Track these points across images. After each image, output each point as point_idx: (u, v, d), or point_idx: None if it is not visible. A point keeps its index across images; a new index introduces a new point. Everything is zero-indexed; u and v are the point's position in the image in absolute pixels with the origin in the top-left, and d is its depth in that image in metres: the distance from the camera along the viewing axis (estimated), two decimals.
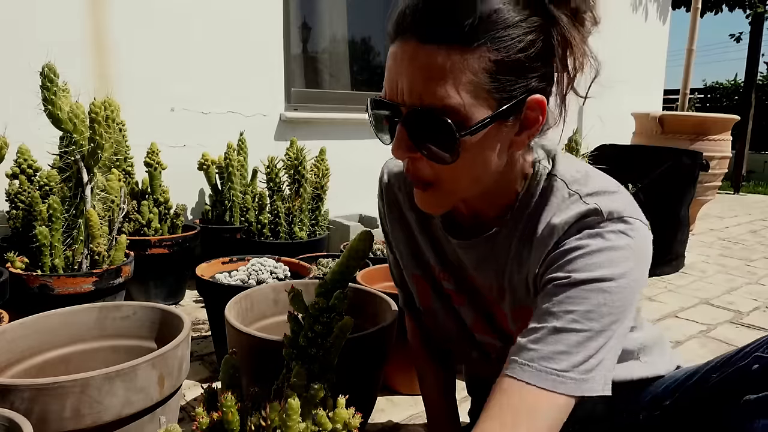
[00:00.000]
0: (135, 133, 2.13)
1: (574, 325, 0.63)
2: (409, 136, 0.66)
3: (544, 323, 0.64)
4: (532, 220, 0.74)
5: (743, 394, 0.68)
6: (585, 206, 0.69)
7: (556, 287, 0.66)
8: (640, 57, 4.83)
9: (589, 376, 0.62)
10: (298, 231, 2.25)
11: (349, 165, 2.87)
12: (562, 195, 0.72)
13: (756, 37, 7.17)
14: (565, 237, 0.69)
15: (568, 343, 0.62)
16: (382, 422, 1.35)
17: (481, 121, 0.63)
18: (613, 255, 0.65)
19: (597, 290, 0.64)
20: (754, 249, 3.48)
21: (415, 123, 0.64)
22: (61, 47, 1.78)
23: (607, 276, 0.64)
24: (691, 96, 8.21)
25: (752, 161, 8.19)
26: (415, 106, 0.63)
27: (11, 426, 0.77)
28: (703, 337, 1.97)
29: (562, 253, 0.68)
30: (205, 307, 1.84)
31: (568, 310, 0.63)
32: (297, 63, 3.04)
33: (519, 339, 0.66)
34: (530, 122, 0.67)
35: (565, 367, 0.62)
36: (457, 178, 0.68)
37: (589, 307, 0.63)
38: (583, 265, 0.65)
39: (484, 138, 0.65)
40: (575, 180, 0.73)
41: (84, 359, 1.19)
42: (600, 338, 0.63)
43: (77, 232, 1.59)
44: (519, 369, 0.63)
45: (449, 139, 0.63)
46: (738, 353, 0.74)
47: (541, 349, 0.63)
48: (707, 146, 3.39)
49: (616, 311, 0.64)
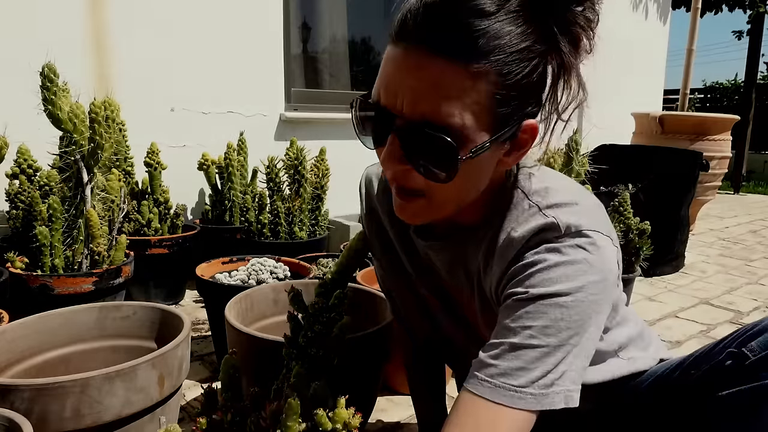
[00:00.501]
0: (135, 133, 2.13)
1: (532, 341, 0.63)
2: (403, 148, 0.63)
3: (503, 338, 0.64)
4: (496, 231, 0.73)
5: (718, 390, 0.68)
6: (543, 219, 0.68)
7: (515, 302, 0.66)
8: (640, 57, 4.83)
9: (549, 391, 0.62)
10: (298, 231, 2.25)
11: (349, 165, 2.86)
12: (523, 207, 0.72)
13: (756, 37, 7.17)
14: (524, 250, 0.69)
15: (525, 359, 0.62)
16: (382, 422, 1.35)
17: (482, 145, 0.62)
18: (569, 270, 0.65)
19: (553, 305, 0.63)
20: (754, 249, 3.48)
21: (413, 137, 0.62)
22: (61, 47, 1.78)
23: (563, 291, 0.64)
24: (691, 96, 8.21)
25: (752, 161, 8.19)
26: (416, 120, 0.60)
27: (11, 426, 0.77)
28: (703, 337, 1.97)
29: (521, 268, 0.68)
30: (205, 307, 1.84)
31: (526, 326, 0.63)
32: (297, 63, 3.04)
33: (480, 353, 0.66)
34: (521, 145, 0.67)
35: (523, 383, 0.62)
36: (447, 193, 0.67)
37: (546, 322, 0.63)
38: (540, 280, 0.65)
39: (480, 160, 0.64)
40: (536, 191, 0.72)
41: (84, 359, 1.19)
42: (558, 353, 0.63)
43: (77, 232, 1.59)
44: (479, 384, 0.63)
45: (449, 159, 0.61)
46: (715, 347, 0.74)
47: (499, 365, 0.63)
48: (707, 146, 3.39)
49: (574, 325, 0.63)
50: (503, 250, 0.71)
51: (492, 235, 0.74)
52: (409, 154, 0.63)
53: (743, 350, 0.67)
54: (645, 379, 0.87)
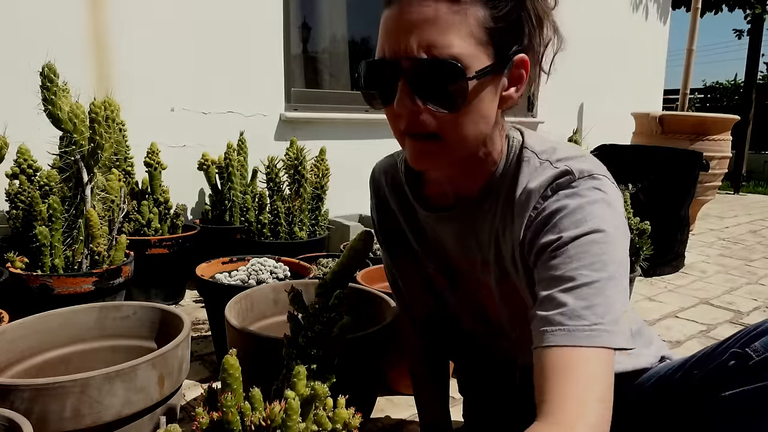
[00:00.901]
0: (135, 133, 2.13)
1: (584, 279, 0.64)
2: (413, 89, 0.67)
3: (555, 287, 0.65)
4: (511, 189, 0.77)
5: (721, 390, 0.68)
6: (556, 170, 0.73)
7: (552, 252, 0.67)
8: (640, 57, 4.83)
9: (617, 329, 0.62)
10: (298, 231, 2.25)
11: (349, 165, 2.87)
12: (534, 164, 0.76)
13: (756, 37, 7.17)
14: (543, 200, 0.72)
15: (585, 297, 0.63)
16: (382, 422, 1.35)
17: (484, 68, 0.67)
18: (593, 209, 0.68)
19: (590, 243, 0.66)
20: (754, 249, 3.48)
21: (423, 74, 0.66)
22: (61, 47, 1.78)
23: (594, 228, 0.66)
24: (691, 96, 8.20)
25: (752, 161, 8.18)
26: (421, 57, 0.65)
27: (11, 426, 0.77)
28: (703, 337, 1.97)
29: (545, 218, 0.70)
30: (205, 307, 1.84)
31: (573, 268, 0.65)
32: (297, 63, 3.04)
33: (537, 312, 0.66)
34: (516, 79, 0.72)
35: (593, 321, 0.62)
36: (460, 128, 0.70)
37: (591, 259, 0.65)
38: (569, 223, 0.68)
39: (483, 88, 0.69)
40: (543, 151, 0.77)
41: (84, 359, 1.19)
42: (611, 284, 0.64)
43: (77, 232, 1.59)
44: (552, 336, 0.62)
45: (457, 84, 0.66)
46: (718, 348, 0.74)
47: (564, 311, 0.63)
48: (707, 146, 3.39)
49: (615, 258, 0.66)
50: (522, 203, 0.74)
51: (507, 193, 0.77)
52: (420, 91, 0.67)
53: (747, 350, 0.67)
54: (647, 379, 0.87)
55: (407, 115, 0.70)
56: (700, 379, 0.74)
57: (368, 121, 3.14)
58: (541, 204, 0.72)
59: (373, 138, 3.18)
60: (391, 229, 0.99)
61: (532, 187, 0.74)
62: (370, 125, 3.16)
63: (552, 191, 0.71)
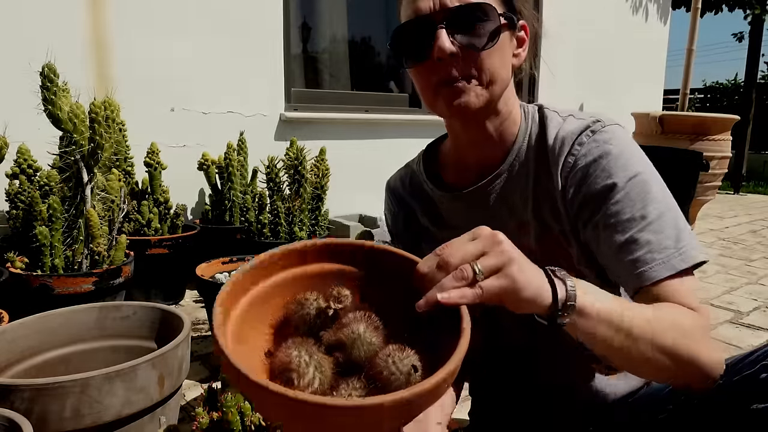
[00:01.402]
0: (135, 133, 2.13)
1: (654, 215, 0.71)
2: (453, 33, 0.74)
3: (632, 230, 0.71)
4: (541, 142, 0.83)
5: (750, 403, 0.68)
6: (583, 120, 0.79)
7: (612, 197, 0.73)
8: (640, 57, 4.83)
9: (695, 244, 0.71)
10: (298, 231, 2.25)
11: (349, 165, 2.87)
12: (558, 120, 0.82)
13: (756, 37, 7.17)
14: (580, 146, 0.78)
15: (661, 230, 0.70)
16: None
17: (505, 11, 0.76)
18: (633, 150, 0.76)
19: (645, 182, 0.73)
20: (754, 249, 3.48)
21: (461, 17, 0.74)
22: (61, 47, 1.78)
23: (641, 170, 0.74)
24: (691, 96, 8.21)
25: (752, 161, 8.18)
26: (458, 5, 0.73)
27: (11, 426, 0.77)
28: None
29: (589, 165, 0.76)
30: (205, 307, 1.84)
31: (640, 208, 0.72)
32: (297, 63, 3.04)
33: (626, 258, 0.71)
34: (520, 41, 0.81)
35: (678, 246, 0.70)
36: (493, 66, 0.76)
37: (650, 196, 0.73)
38: (616, 166, 0.74)
39: (504, 34, 0.76)
40: (563, 110, 0.85)
41: (84, 359, 1.19)
42: (673, 211, 0.73)
43: (77, 232, 1.59)
44: (653, 272, 0.69)
45: (491, 23, 0.74)
46: (744, 360, 0.73)
47: (651, 248, 0.70)
48: (707, 146, 3.39)
49: (665, 190, 0.75)
50: (557, 151, 0.80)
51: (537, 148, 0.83)
52: (460, 33, 0.74)
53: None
54: (665, 386, 0.87)
55: (445, 62, 0.75)
56: (724, 390, 0.74)
57: (368, 121, 3.14)
58: (578, 150, 0.77)
59: (373, 138, 3.18)
60: (415, 232, 0.99)
61: (564, 134, 0.79)
62: (370, 125, 3.16)
63: (587, 137, 0.77)
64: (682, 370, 0.66)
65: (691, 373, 0.66)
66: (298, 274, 0.59)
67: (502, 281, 0.55)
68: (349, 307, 0.53)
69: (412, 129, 3.30)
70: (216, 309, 0.50)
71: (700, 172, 2.82)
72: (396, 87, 3.54)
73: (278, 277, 0.58)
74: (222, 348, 0.45)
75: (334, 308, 0.52)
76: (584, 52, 4.11)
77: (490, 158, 0.86)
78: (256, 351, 0.53)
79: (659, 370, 0.66)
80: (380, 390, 0.46)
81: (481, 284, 0.54)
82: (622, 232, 0.72)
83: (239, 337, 0.52)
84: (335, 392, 0.47)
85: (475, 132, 0.85)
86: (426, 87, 0.79)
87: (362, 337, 0.49)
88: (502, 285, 0.55)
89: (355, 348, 0.49)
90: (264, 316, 0.56)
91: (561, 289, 0.60)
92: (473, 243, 0.57)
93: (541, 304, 0.58)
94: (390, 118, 3.22)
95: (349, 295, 0.54)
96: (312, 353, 0.48)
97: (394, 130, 3.24)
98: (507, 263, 0.55)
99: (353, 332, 0.50)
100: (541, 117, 0.84)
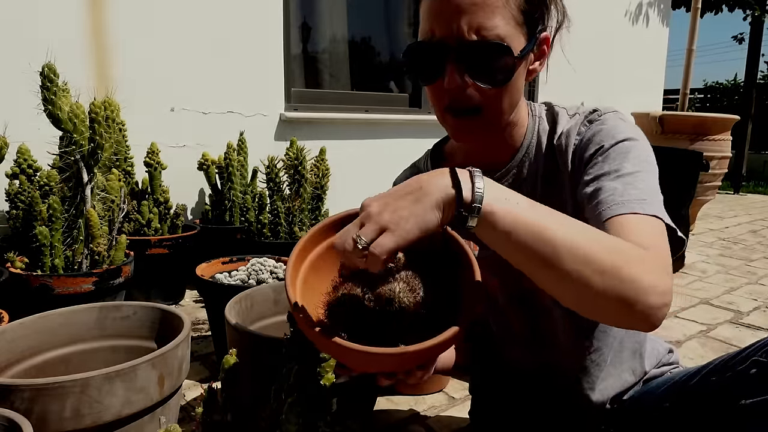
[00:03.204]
0: (135, 133, 2.13)
1: (627, 170, 0.73)
2: (464, 68, 0.74)
3: (602, 179, 0.73)
4: (549, 137, 0.86)
5: (740, 398, 0.68)
6: (585, 112, 0.84)
7: (596, 158, 0.76)
8: (640, 57, 4.83)
9: (662, 209, 0.69)
10: (298, 231, 2.25)
11: (349, 165, 2.87)
12: (566, 116, 0.86)
13: (756, 38, 7.16)
14: (581, 133, 0.81)
15: (630, 183, 0.71)
16: (382, 420, 1.35)
17: (524, 48, 0.75)
18: (624, 125, 0.79)
19: (628, 147, 0.76)
20: (754, 249, 3.48)
21: (474, 54, 0.73)
22: (61, 47, 1.78)
23: (629, 137, 0.77)
24: (691, 96, 8.20)
25: (752, 161, 8.18)
26: (472, 39, 0.72)
27: (11, 426, 0.77)
28: (703, 337, 1.97)
29: (586, 143, 0.80)
30: (205, 307, 1.84)
31: (617, 163, 0.74)
32: (297, 63, 3.04)
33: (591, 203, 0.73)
34: (541, 54, 0.82)
35: (641, 197, 0.69)
36: (500, 100, 0.78)
37: (630, 157, 0.74)
38: (606, 136, 0.78)
39: (521, 65, 0.77)
40: (571, 107, 0.87)
41: (84, 359, 1.19)
42: (651, 175, 0.74)
43: (77, 232, 1.59)
44: (609, 210, 0.69)
45: (505, 63, 0.74)
46: (737, 356, 0.74)
47: (614, 192, 0.70)
48: (707, 146, 3.39)
49: (650, 159, 0.76)
50: (562, 142, 0.83)
51: (548, 142, 0.85)
52: (471, 69, 0.75)
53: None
54: (661, 384, 0.87)
55: (454, 91, 0.76)
56: (717, 386, 0.74)
57: (368, 121, 3.14)
58: (578, 138, 0.81)
59: (373, 138, 3.18)
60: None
61: (569, 126, 0.83)
62: (370, 125, 3.16)
63: (585, 126, 0.81)
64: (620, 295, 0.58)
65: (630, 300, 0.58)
66: None
67: (387, 236, 0.57)
68: (400, 267, 0.63)
69: (412, 129, 3.30)
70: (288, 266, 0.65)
71: (700, 172, 2.83)
72: (396, 87, 3.54)
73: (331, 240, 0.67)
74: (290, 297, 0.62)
75: (386, 266, 0.62)
76: (584, 51, 4.10)
77: (498, 157, 0.88)
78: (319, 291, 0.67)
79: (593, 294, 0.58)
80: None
81: (371, 248, 0.57)
82: (594, 182, 0.74)
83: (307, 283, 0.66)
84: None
85: (482, 144, 0.88)
86: (435, 104, 0.81)
87: (396, 294, 0.61)
88: (389, 238, 0.57)
89: (389, 304, 0.61)
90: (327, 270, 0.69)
91: (466, 189, 0.60)
92: (353, 223, 0.60)
93: (449, 210, 0.60)
94: (390, 118, 3.22)
95: (402, 258, 0.64)
96: (353, 299, 0.62)
97: (394, 130, 3.24)
98: (376, 220, 0.58)
99: (391, 290, 0.61)
100: (552, 115, 0.87)
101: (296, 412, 0.73)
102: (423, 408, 1.40)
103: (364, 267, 0.58)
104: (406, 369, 0.63)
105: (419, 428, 1.32)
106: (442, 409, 1.40)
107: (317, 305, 0.65)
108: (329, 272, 0.67)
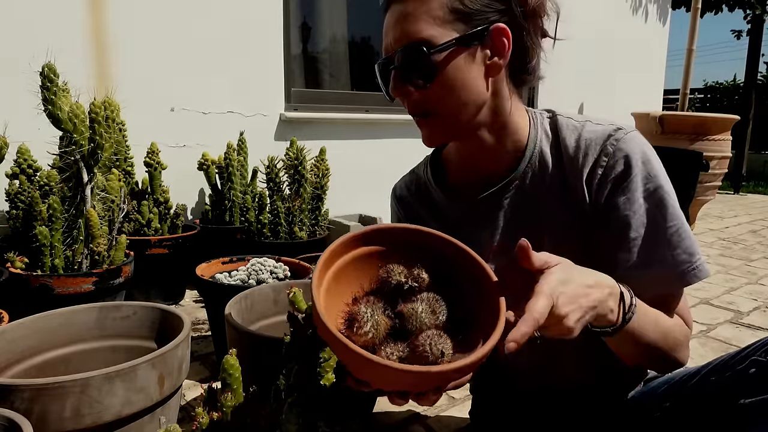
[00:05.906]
0: (135, 133, 2.13)
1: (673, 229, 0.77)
2: (398, 75, 0.78)
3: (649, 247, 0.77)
4: (557, 149, 0.83)
5: (739, 398, 0.68)
6: (602, 126, 0.81)
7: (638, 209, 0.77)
8: (639, 57, 4.83)
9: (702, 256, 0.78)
10: (298, 231, 2.25)
11: (349, 165, 2.87)
12: (573, 125, 0.83)
13: (756, 38, 7.16)
14: (606, 158, 0.79)
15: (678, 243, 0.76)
16: (382, 421, 1.35)
17: (447, 41, 0.74)
18: (653, 161, 0.79)
19: (665, 194, 0.78)
20: (754, 249, 3.48)
21: (402, 61, 0.77)
22: (61, 47, 1.77)
23: (661, 184, 0.78)
24: (691, 96, 8.20)
25: (752, 161, 8.18)
26: (398, 47, 0.76)
27: (11, 426, 0.77)
28: (703, 337, 1.97)
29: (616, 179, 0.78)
30: (205, 307, 1.84)
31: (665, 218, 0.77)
32: (297, 63, 3.04)
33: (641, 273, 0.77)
34: (499, 49, 0.77)
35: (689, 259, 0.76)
36: (444, 98, 0.77)
37: (669, 210, 0.77)
38: (642, 181, 0.77)
39: (454, 60, 0.75)
40: (576, 116, 0.85)
41: (84, 359, 1.19)
42: (685, 222, 0.78)
43: (77, 232, 1.59)
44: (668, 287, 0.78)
45: (424, 62, 0.75)
46: (736, 356, 0.74)
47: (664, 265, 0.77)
48: (707, 146, 3.39)
49: (676, 200, 0.79)
50: (580, 158, 0.80)
51: (553, 153, 0.83)
52: (402, 75, 0.77)
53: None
54: (661, 385, 0.87)
55: (403, 100, 0.80)
56: (716, 385, 0.74)
57: (368, 121, 3.14)
58: (605, 161, 0.79)
59: (373, 138, 3.18)
60: None
61: (586, 143, 0.80)
62: (370, 125, 3.16)
63: (612, 146, 0.79)
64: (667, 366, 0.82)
65: (670, 367, 0.82)
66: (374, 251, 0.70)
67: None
68: (423, 288, 0.64)
69: (412, 129, 3.26)
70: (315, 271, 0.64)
71: (700, 172, 2.84)
72: None
73: (355, 252, 0.69)
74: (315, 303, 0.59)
75: (410, 285, 0.64)
76: (584, 51, 4.11)
77: (499, 165, 0.86)
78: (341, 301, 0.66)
79: (651, 363, 0.83)
80: (415, 359, 0.57)
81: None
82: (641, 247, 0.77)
83: (329, 292, 0.65)
84: (380, 347, 0.59)
85: (470, 147, 0.86)
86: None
87: (417, 315, 0.61)
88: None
89: (409, 322, 0.61)
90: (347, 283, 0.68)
91: (627, 296, 0.69)
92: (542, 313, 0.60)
93: (608, 323, 0.68)
94: (390, 118, 3.22)
95: (426, 279, 0.65)
96: (374, 313, 0.60)
97: (394, 130, 3.24)
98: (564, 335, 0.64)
99: (413, 309, 0.61)
100: (554, 123, 0.85)
101: (296, 412, 0.73)
102: (423, 408, 1.40)
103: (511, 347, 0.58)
104: (423, 390, 0.61)
105: (419, 428, 1.32)
106: (442, 409, 1.40)
107: (337, 314, 0.64)
108: (349, 285, 0.67)
